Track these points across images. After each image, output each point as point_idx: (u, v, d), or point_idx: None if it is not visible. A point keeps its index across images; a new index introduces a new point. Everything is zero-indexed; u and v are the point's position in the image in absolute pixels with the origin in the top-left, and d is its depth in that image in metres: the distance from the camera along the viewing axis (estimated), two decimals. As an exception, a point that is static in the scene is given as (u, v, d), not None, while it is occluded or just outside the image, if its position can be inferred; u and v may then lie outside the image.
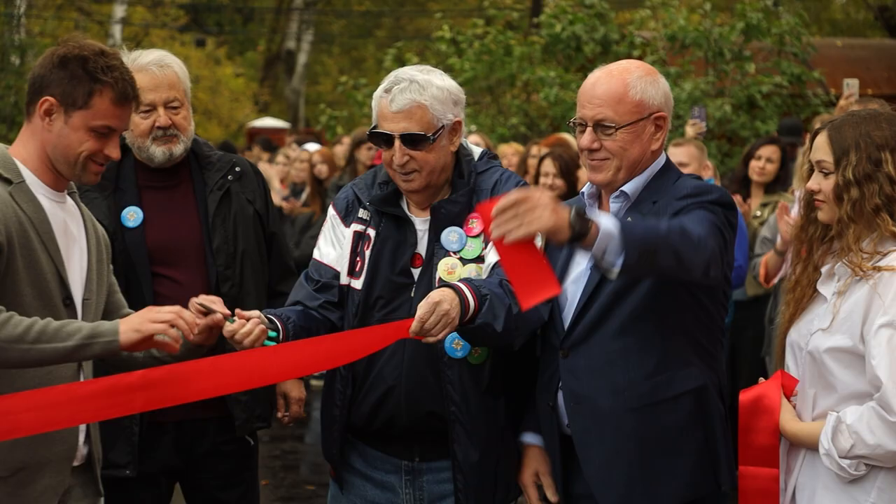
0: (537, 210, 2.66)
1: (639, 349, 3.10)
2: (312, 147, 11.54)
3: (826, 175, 2.98)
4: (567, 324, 3.18)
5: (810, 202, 3.07)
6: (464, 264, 3.25)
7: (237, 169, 4.03)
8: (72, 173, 2.95)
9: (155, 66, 3.82)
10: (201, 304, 2.99)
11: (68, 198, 3.07)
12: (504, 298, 3.05)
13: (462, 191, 3.29)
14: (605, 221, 2.76)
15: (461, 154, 3.36)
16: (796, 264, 3.14)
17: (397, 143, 3.23)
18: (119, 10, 29.15)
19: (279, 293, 4.08)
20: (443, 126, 3.25)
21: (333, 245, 3.38)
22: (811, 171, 3.07)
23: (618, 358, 3.11)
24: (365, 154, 9.52)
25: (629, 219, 3.03)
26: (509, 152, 8.82)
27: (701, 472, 3.14)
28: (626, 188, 3.18)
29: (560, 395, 3.19)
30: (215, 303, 3.04)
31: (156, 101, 3.80)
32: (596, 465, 3.14)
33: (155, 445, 3.80)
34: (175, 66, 3.88)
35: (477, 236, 3.27)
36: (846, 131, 2.95)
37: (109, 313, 3.18)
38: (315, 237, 3.68)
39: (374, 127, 3.29)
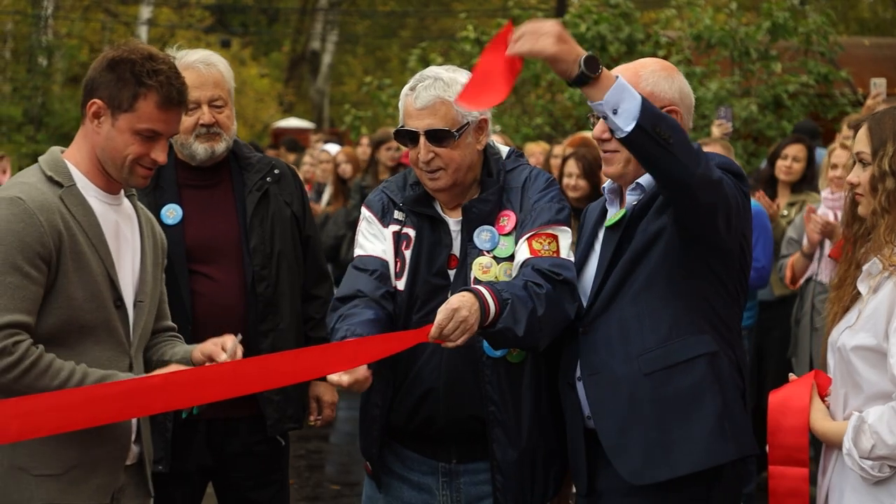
0: (543, 36, 2.74)
1: (651, 315, 3.14)
2: (333, 148, 11.56)
3: (865, 166, 2.99)
4: (586, 303, 3.23)
5: (854, 198, 3.07)
6: (498, 263, 3.25)
7: (276, 171, 4.07)
8: (120, 176, 2.96)
9: (201, 64, 3.87)
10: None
11: (125, 199, 3.09)
12: (527, 302, 3.04)
13: (492, 189, 3.29)
14: (624, 80, 2.80)
15: (489, 153, 3.36)
16: (841, 262, 3.14)
17: (422, 139, 3.23)
18: (145, 12, 29.32)
19: (314, 296, 4.11)
20: (467, 123, 3.25)
21: (378, 238, 3.35)
22: (854, 165, 3.08)
23: (631, 325, 3.14)
24: (385, 155, 9.53)
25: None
26: (537, 151, 8.79)
27: (719, 439, 3.10)
28: (642, 180, 3.20)
29: (578, 370, 3.22)
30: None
31: (200, 99, 3.85)
32: (612, 433, 3.14)
33: (187, 443, 3.83)
34: (220, 66, 3.93)
35: (509, 234, 3.27)
36: (886, 123, 2.96)
37: (155, 321, 3.20)
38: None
39: (401, 126, 3.30)
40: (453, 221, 3.32)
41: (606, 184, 3.35)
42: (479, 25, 15.38)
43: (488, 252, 3.25)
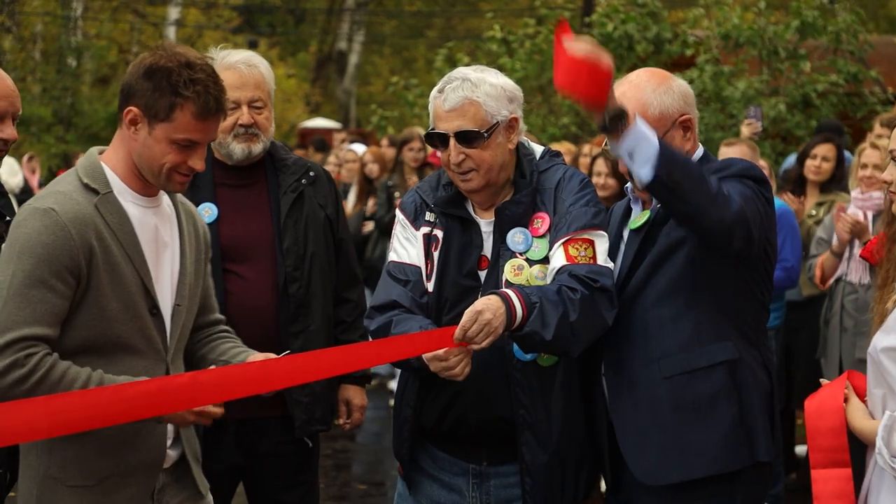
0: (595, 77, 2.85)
1: (673, 320, 3.15)
2: (360, 148, 11.57)
3: None
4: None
5: (890, 197, 3.06)
6: (530, 265, 3.22)
7: (311, 173, 4.09)
8: (157, 183, 2.94)
9: (243, 64, 3.89)
10: None
11: (164, 198, 3.07)
12: (558, 306, 3.02)
13: (525, 191, 3.27)
14: (644, 126, 2.87)
15: (522, 153, 3.33)
16: (883, 262, 3.13)
17: (452, 141, 3.22)
18: (173, 12, 29.49)
19: (345, 299, 4.13)
20: (497, 123, 3.23)
21: (411, 243, 3.35)
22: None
23: (653, 329, 3.16)
24: (408, 155, 9.55)
25: None
26: (562, 152, 8.76)
27: (735, 445, 3.15)
28: None
29: (602, 366, 3.25)
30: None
31: (240, 100, 3.87)
32: (630, 433, 3.19)
33: (217, 443, 3.84)
34: (262, 67, 3.95)
35: (542, 236, 3.24)
36: None
37: (201, 315, 3.20)
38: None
39: (431, 128, 3.29)
40: (485, 222, 3.30)
41: (629, 183, 3.35)
42: (505, 25, 15.36)
43: (521, 254, 3.23)
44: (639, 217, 3.26)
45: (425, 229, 3.33)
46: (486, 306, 2.96)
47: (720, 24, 12.23)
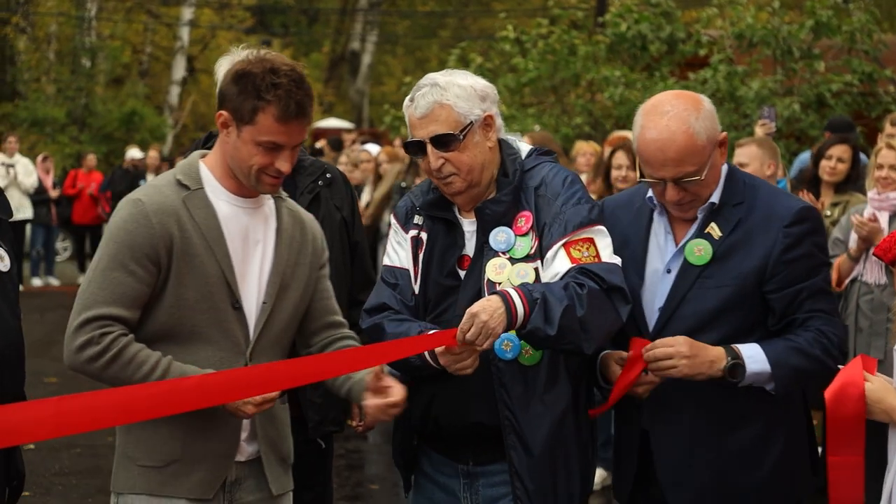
0: (676, 360, 3.05)
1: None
2: (374, 148, 11.58)
3: None
4: (652, 325, 3.19)
5: None
6: (512, 264, 3.18)
7: (328, 175, 4.10)
8: (248, 183, 3.03)
9: None
10: None
11: (267, 202, 3.14)
12: (563, 301, 2.97)
13: (506, 189, 3.23)
14: (755, 364, 3.07)
15: (506, 152, 3.30)
16: None
17: (429, 147, 3.19)
18: (187, 13, 29.56)
19: (359, 302, 4.12)
20: (471, 123, 3.19)
21: (402, 246, 3.36)
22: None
23: None
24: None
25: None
26: (588, 151, 8.68)
27: (778, 484, 3.16)
28: (715, 196, 3.21)
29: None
30: None
31: None
32: (670, 467, 3.16)
33: None
34: None
35: (525, 234, 3.20)
36: None
37: (314, 319, 3.24)
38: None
39: (409, 138, 3.27)
40: (468, 223, 3.28)
41: (650, 191, 3.27)
42: (518, 25, 15.37)
43: (504, 253, 3.19)
44: (696, 248, 3.19)
45: (413, 232, 3.33)
46: (483, 308, 2.93)
47: (734, 23, 12.21)
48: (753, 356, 3.08)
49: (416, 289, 3.28)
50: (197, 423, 2.97)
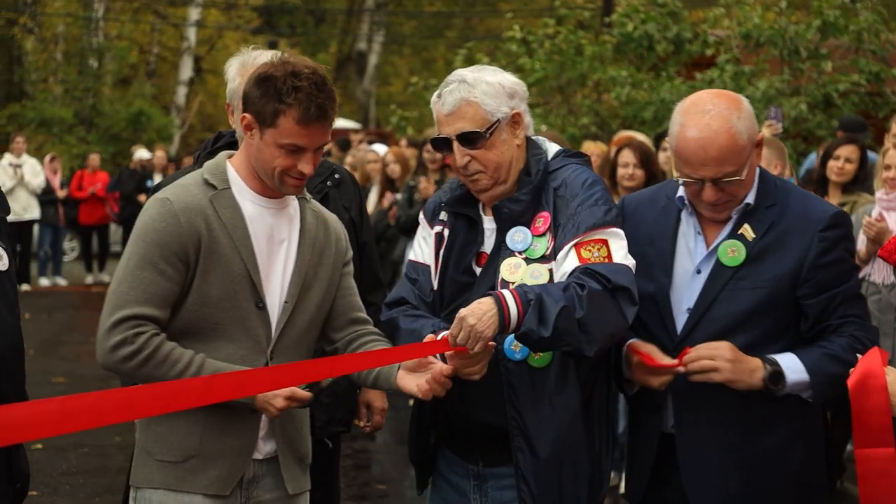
0: (738, 372, 3.04)
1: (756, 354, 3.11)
2: (381, 148, 11.58)
3: None
4: (681, 326, 3.17)
5: None
6: (528, 264, 3.16)
7: (336, 175, 4.11)
8: (272, 184, 3.05)
9: None
10: None
11: (292, 203, 3.17)
12: (559, 302, 2.91)
13: (525, 189, 3.20)
14: (794, 374, 3.07)
15: (531, 152, 3.27)
16: None
17: (455, 144, 3.19)
18: (194, 13, 29.59)
19: (368, 303, 4.12)
20: (498, 120, 3.18)
21: (426, 242, 3.37)
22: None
23: None
24: (426, 156, 9.59)
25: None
26: (595, 151, 8.68)
27: (799, 488, 3.17)
28: (750, 197, 3.21)
29: (669, 396, 3.19)
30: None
31: None
32: (695, 473, 3.15)
33: None
34: None
35: (542, 235, 3.17)
36: None
37: (337, 316, 3.25)
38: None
39: (437, 134, 3.27)
40: (489, 220, 3.27)
41: (682, 191, 3.25)
42: (525, 25, 15.35)
43: (520, 253, 3.17)
44: (730, 249, 3.17)
45: (437, 228, 3.34)
46: (472, 311, 2.89)
47: (741, 23, 12.19)
48: (791, 366, 3.07)
49: (435, 284, 3.28)
50: (215, 420, 3.00)
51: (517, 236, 3.18)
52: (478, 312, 2.89)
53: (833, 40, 12.05)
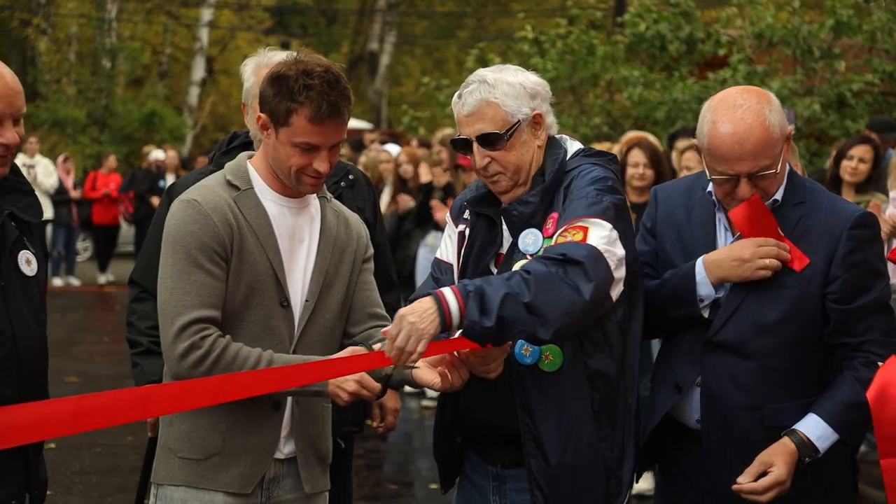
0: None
1: (781, 367, 3.11)
2: (393, 149, 11.58)
3: None
4: (715, 321, 3.16)
5: None
6: None
7: (350, 176, 4.11)
8: (289, 183, 3.06)
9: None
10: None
11: (313, 202, 3.18)
12: (501, 289, 2.81)
13: (534, 190, 3.16)
14: (825, 441, 3.07)
15: (549, 151, 3.23)
16: None
17: (475, 145, 3.17)
18: (206, 14, 29.66)
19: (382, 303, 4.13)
20: (518, 122, 3.15)
21: (451, 240, 3.36)
22: None
23: (760, 372, 3.12)
24: (435, 157, 9.62)
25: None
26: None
27: (822, 491, 3.17)
28: (778, 194, 3.19)
29: (695, 387, 3.19)
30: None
31: None
32: (723, 473, 3.13)
33: None
34: None
35: (551, 237, 3.11)
36: None
37: (354, 310, 3.25)
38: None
39: (457, 135, 3.25)
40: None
41: (712, 188, 3.24)
42: (537, 25, 15.35)
43: (531, 255, 3.11)
44: None
45: (461, 227, 3.33)
46: (412, 309, 2.80)
47: (753, 23, 12.16)
48: (821, 435, 3.06)
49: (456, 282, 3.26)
50: (238, 418, 3.00)
51: (528, 238, 3.14)
52: (418, 310, 2.80)
53: (846, 40, 12.02)
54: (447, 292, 2.83)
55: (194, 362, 2.91)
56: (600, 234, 2.97)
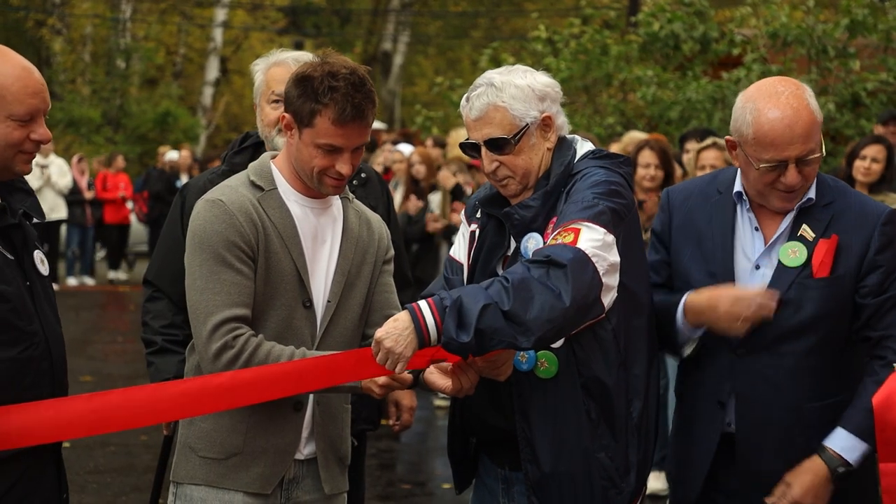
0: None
1: (816, 365, 3.11)
2: (406, 148, 11.58)
3: None
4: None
5: None
6: None
7: (362, 175, 4.11)
8: (312, 184, 3.06)
9: (291, 60, 3.88)
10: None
11: (335, 202, 3.18)
12: (479, 300, 2.74)
13: (536, 194, 3.11)
14: (854, 453, 3.08)
15: (556, 154, 3.18)
16: None
17: (483, 150, 3.14)
18: (220, 14, 29.73)
19: None
20: (527, 125, 3.11)
21: (464, 238, 3.34)
22: None
23: (796, 372, 3.11)
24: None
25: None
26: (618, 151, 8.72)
27: (859, 493, 3.19)
28: (812, 192, 3.21)
29: (732, 396, 3.18)
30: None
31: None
32: (758, 474, 3.14)
33: None
34: None
35: None
36: None
37: (372, 311, 3.24)
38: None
39: (466, 138, 3.23)
40: None
41: (739, 185, 3.24)
42: (550, 25, 15.35)
43: None
44: (791, 250, 3.16)
45: (473, 226, 3.31)
46: (388, 333, 2.76)
47: (768, 22, 12.12)
48: (849, 446, 3.07)
49: (465, 283, 3.25)
50: (260, 418, 3.00)
51: (530, 242, 3.10)
52: (393, 334, 2.76)
53: (861, 39, 11.97)
54: (424, 308, 2.76)
55: (227, 362, 2.91)
56: (591, 238, 2.88)
